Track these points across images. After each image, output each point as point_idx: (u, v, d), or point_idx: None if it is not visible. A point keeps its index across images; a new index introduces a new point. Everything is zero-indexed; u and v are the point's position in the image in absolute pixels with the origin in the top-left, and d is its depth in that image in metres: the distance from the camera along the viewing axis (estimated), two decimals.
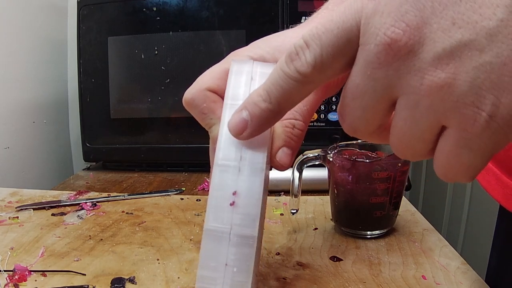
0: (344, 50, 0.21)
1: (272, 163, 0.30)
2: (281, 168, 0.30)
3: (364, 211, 0.47)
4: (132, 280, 0.38)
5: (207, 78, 0.30)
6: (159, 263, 0.42)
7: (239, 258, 0.25)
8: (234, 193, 0.25)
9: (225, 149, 0.26)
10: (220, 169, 0.26)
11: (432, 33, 0.18)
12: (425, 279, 0.39)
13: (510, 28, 0.17)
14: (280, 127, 0.29)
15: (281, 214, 0.56)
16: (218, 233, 0.25)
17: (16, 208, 0.57)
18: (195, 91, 0.30)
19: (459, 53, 0.18)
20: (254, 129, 0.24)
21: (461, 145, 0.19)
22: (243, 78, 0.28)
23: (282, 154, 0.29)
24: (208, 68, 0.32)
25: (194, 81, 0.31)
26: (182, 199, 0.62)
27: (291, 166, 0.31)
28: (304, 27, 0.33)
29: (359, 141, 0.50)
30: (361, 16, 0.20)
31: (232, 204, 0.25)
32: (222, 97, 0.30)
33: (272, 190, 0.65)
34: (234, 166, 0.26)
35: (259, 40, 0.32)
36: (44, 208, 0.58)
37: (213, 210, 0.25)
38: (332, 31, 0.21)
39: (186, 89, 0.31)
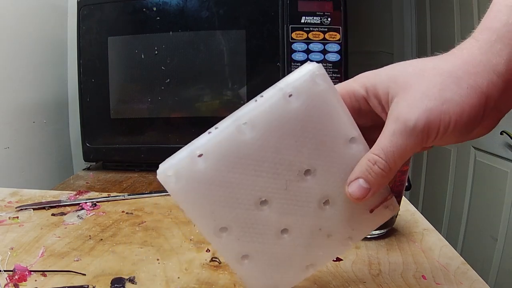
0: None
1: (344, 191, 0.30)
2: (350, 198, 0.29)
3: None
4: (132, 280, 0.38)
5: None
6: (159, 263, 0.42)
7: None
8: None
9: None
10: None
11: None
12: (425, 279, 0.39)
13: None
14: (364, 158, 0.29)
15: None
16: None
17: (16, 208, 0.57)
18: None
19: None
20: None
21: None
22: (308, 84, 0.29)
23: (355, 185, 0.29)
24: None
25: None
26: None
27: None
28: (434, 60, 0.29)
29: None
30: None
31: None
32: None
33: None
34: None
35: (385, 67, 0.30)
36: (44, 208, 0.58)
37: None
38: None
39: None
